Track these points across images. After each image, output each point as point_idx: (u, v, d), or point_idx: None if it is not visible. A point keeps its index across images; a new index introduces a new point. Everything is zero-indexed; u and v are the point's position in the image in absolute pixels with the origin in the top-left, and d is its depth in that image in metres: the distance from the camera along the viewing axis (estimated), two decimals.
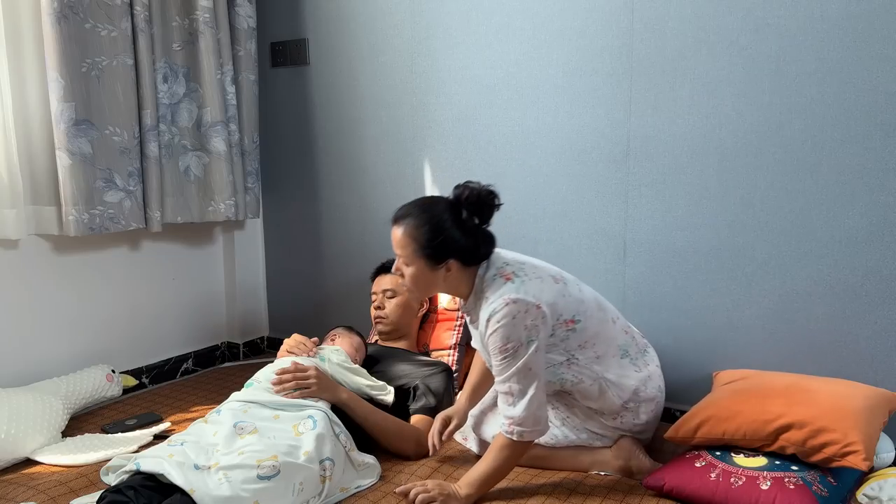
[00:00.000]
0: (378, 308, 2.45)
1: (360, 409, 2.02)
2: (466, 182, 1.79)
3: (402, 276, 1.84)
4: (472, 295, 1.84)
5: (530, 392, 1.73)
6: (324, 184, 2.99)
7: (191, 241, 2.99)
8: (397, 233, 1.81)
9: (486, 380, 2.09)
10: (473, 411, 2.11)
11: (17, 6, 2.33)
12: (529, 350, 1.72)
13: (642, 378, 1.93)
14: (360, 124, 2.84)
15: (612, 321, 1.94)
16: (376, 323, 2.47)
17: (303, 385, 1.98)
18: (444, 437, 2.00)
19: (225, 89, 2.77)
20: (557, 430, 1.96)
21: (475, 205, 1.78)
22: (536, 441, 1.87)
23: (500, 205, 1.81)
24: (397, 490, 1.77)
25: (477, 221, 1.80)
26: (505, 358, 1.73)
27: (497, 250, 1.88)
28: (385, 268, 2.51)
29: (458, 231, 1.77)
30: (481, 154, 2.56)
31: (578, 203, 2.39)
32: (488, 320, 1.74)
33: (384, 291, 2.44)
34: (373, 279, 2.54)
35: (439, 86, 2.61)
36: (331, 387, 2.01)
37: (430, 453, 2.00)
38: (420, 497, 1.72)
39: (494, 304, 1.74)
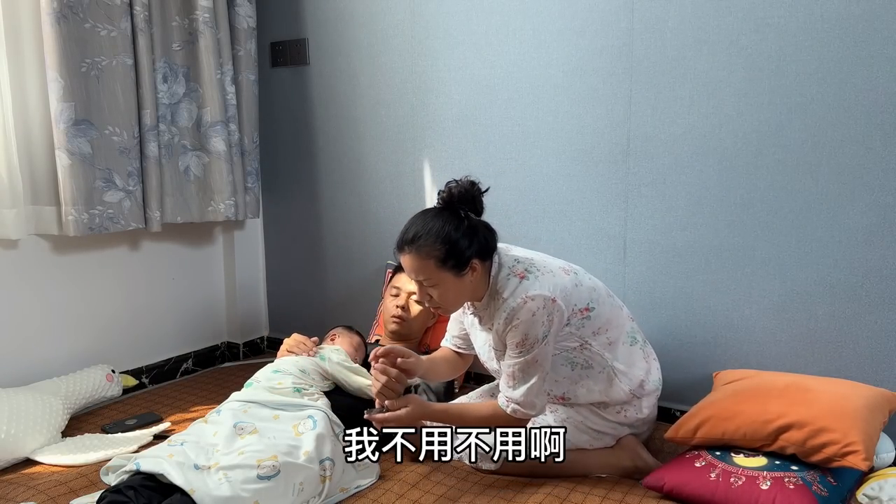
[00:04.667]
0: (402, 308, 2.40)
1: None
2: (447, 183, 1.82)
3: (430, 299, 1.83)
4: (486, 296, 1.86)
5: (531, 381, 1.80)
6: (324, 184, 2.99)
7: (190, 241, 2.99)
8: (412, 258, 1.78)
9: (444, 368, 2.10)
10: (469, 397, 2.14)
11: (17, 6, 2.33)
12: (541, 344, 1.78)
13: (646, 369, 1.98)
14: (360, 124, 2.84)
15: (620, 308, 2.00)
16: (393, 321, 2.41)
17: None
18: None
19: (225, 89, 2.77)
20: None
21: (467, 200, 1.81)
22: None
23: (486, 191, 1.83)
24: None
25: (473, 215, 1.83)
26: (521, 352, 1.80)
27: (503, 246, 1.91)
28: None
29: (466, 231, 1.78)
30: (481, 154, 2.56)
31: (578, 203, 2.39)
32: (507, 318, 1.79)
33: (411, 294, 2.38)
34: (394, 273, 2.50)
35: (439, 86, 2.61)
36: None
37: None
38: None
39: (513, 302, 1.78)
